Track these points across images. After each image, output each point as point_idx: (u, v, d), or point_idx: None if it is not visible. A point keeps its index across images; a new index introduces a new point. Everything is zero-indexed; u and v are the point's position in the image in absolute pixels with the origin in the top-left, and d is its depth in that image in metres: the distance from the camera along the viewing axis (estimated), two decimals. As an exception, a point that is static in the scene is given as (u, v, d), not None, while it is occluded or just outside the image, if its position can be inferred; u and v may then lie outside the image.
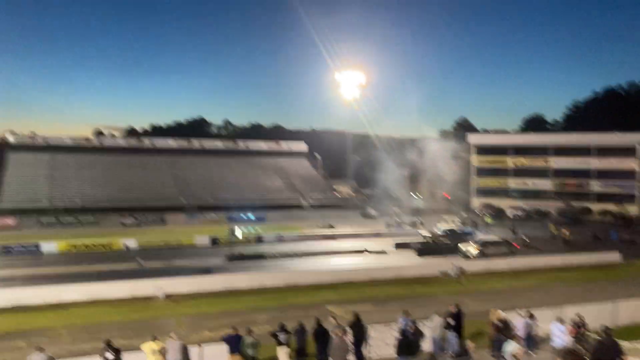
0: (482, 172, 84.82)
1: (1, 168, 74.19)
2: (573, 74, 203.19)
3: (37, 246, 44.71)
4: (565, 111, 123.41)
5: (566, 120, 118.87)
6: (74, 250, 45.19)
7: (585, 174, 76.12)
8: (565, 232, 50.04)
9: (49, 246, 45.06)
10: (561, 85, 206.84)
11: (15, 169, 74.52)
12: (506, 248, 42.72)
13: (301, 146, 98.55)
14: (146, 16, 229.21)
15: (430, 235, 47.57)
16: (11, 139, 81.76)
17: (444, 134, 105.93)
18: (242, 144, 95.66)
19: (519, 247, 43.80)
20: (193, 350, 17.70)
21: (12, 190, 69.44)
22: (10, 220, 60.10)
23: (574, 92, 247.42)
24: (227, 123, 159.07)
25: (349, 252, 44.41)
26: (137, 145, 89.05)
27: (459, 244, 43.90)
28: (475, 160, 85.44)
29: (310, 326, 18.61)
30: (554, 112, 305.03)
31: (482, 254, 41.00)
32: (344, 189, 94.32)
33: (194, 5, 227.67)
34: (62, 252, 44.81)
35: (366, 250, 44.79)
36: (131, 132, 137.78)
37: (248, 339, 17.55)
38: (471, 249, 41.83)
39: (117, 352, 16.49)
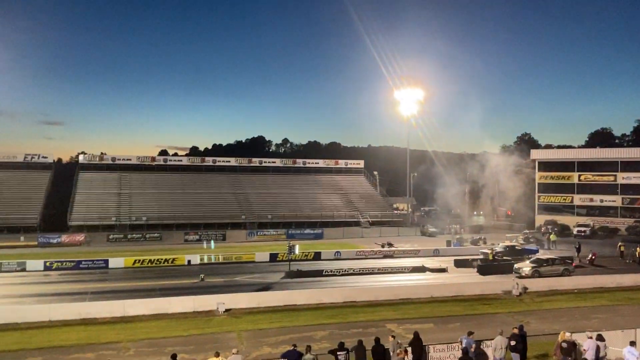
0: (546, 188, 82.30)
1: (72, 187, 77.72)
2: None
3: (105, 261, 46.42)
4: (635, 124, 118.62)
5: (635, 133, 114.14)
6: (139, 265, 46.64)
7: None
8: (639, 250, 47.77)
9: (116, 261, 46.67)
10: (630, 98, 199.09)
11: (86, 187, 77.98)
12: (562, 267, 41.11)
13: (359, 163, 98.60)
14: (210, 39, 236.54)
15: (490, 253, 46.43)
16: (82, 159, 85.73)
17: (506, 150, 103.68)
18: (300, 162, 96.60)
19: (574, 266, 42.11)
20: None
21: (82, 208, 72.58)
22: (79, 237, 62.69)
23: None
24: (286, 141, 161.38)
25: (407, 269, 43.90)
26: (200, 164, 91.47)
27: (514, 263, 42.74)
28: (539, 176, 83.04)
29: (369, 344, 18.56)
30: (623, 126, 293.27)
31: (537, 273, 39.65)
32: (402, 206, 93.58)
33: (254, 28, 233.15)
34: (128, 267, 46.33)
35: (425, 268, 44.16)
36: (194, 152, 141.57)
37: (307, 356, 17.64)
38: (525, 267, 40.57)
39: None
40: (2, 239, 60.80)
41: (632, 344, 17.68)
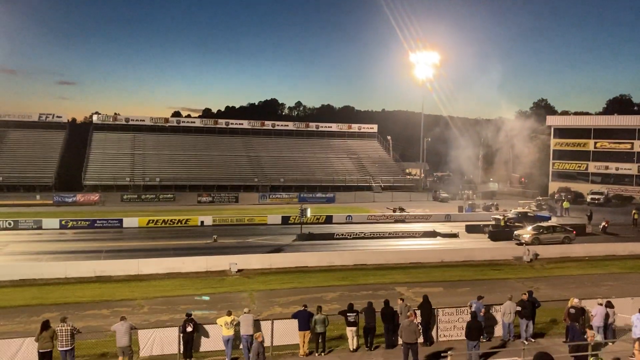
0: (561, 155, 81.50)
1: (87, 147, 78.29)
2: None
3: (119, 221, 47.03)
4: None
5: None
6: (153, 225, 47.21)
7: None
8: None
9: (130, 221, 47.25)
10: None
11: (100, 148, 78.54)
12: (563, 235, 40.64)
13: (372, 127, 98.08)
14: (224, 2, 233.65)
15: (502, 219, 46.32)
16: (96, 119, 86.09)
17: (522, 115, 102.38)
18: (313, 125, 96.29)
19: (575, 234, 41.25)
20: (264, 325, 18.25)
21: (97, 167, 73.31)
22: (94, 196, 63.40)
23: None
24: (299, 104, 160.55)
25: (419, 234, 44.06)
26: (213, 126, 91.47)
27: (514, 230, 42.63)
28: (554, 142, 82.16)
29: (378, 307, 18.78)
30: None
31: (536, 240, 39.25)
32: (415, 171, 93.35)
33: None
34: (142, 227, 46.93)
35: (436, 233, 44.28)
36: (207, 113, 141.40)
37: (318, 317, 17.92)
38: (525, 234, 40.25)
39: (196, 323, 17.33)
40: (18, 197, 61.70)
41: (642, 310, 17.71)
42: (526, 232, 40.85)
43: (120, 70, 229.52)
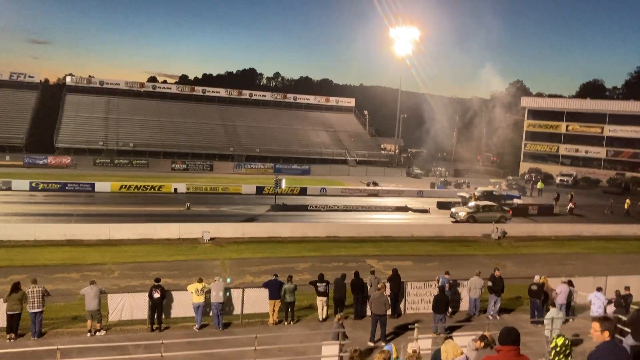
0: (533, 136, 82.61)
1: (59, 109, 76.66)
2: (638, 39, 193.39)
3: (91, 185, 46.48)
4: (627, 77, 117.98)
5: (626, 87, 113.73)
6: (126, 191, 46.79)
7: (641, 143, 73.32)
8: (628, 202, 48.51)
9: (102, 186, 46.74)
10: (624, 51, 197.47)
11: (73, 110, 76.89)
12: (499, 214, 40.73)
13: (349, 102, 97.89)
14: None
15: (468, 196, 47.02)
16: (69, 80, 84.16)
17: (497, 96, 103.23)
18: (291, 97, 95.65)
19: (511, 213, 41.58)
20: (235, 293, 18.43)
21: (69, 130, 71.89)
22: (66, 159, 62.38)
23: (638, 58, 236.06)
24: (277, 75, 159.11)
25: (391, 208, 44.55)
26: (189, 93, 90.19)
27: (451, 207, 43.04)
28: (527, 124, 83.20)
29: (349, 278, 19.09)
30: (615, 79, 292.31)
31: (472, 218, 39.61)
32: (390, 147, 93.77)
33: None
34: (114, 192, 46.47)
35: (408, 208, 44.83)
36: (184, 80, 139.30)
37: (288, 286, 18.15)
38: (461, 212, 40.61)
39: (163, 290, 17.39)
40: (-14, 157, 60.39)
41: (599, 289, 18.33)
42: (462, 209, 41.15)
43: (95, 32, 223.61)
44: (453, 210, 41.84)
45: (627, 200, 48.97)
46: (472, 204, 42.63)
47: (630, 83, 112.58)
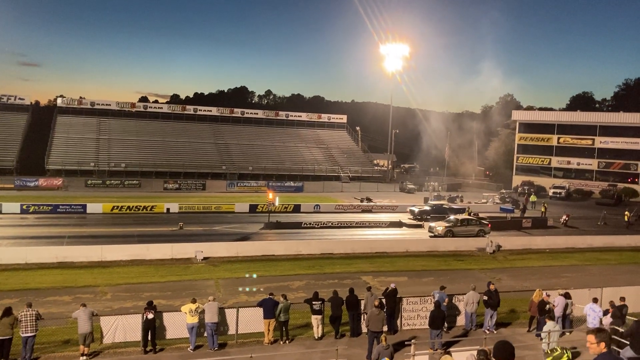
0: (525, 149, 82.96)
1: (50, 130, 76.42)
2: (625, 51, 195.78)
3: (83, 206, 46.15)
4: (615, 90, 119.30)
5: (615, 98, 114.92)
6: (118, 211, 46.49)
7: (632, 154, 73.71)
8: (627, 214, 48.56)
9: (94, 207, 46.40)
10: (613, 63, 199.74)
11: (64, 131, 76.67)
12: (477, 228, 40.29)
13: (341, 118, 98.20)
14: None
15: (417, 210, 47.57)
16: (60, 102, 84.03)
17: (488, 110, 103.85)
18: (282, 114, 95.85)
19: (490, 227, 40.85)
20: (229, 313, 18.22)
21: (60, 152, 71.61)
22: (57, 181, 62.01)
23: (626, 70, 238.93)
24: (269, 93, 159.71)
25: (385, 224, 44.44)
26: (181, 112, 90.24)
27: (429, 223, 42.38)
28: (519, 137, 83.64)
29: (344, 295, 18.94)
30: (604, 91, 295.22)
31: (450, 233, 39.04)
32: (383, 163, 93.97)
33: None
34: (106, 213, 46.14)
35: (402, 223, 44.75)
36: (175, 99, 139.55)
37: (283, 304, 17.98)
38: (439, 227, 39.82)
39: (156, 312, 17.18)
40: (-23, 180, 59.91)
41: (595, 300, 18.27)
42: (440, 224, 40.33)
43: (86, 53, 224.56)
44: (431, 224, 41.25)
45: (626, 212, 49.01)
46: (451, 217, 42.07)
47: (619, 95, 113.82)
